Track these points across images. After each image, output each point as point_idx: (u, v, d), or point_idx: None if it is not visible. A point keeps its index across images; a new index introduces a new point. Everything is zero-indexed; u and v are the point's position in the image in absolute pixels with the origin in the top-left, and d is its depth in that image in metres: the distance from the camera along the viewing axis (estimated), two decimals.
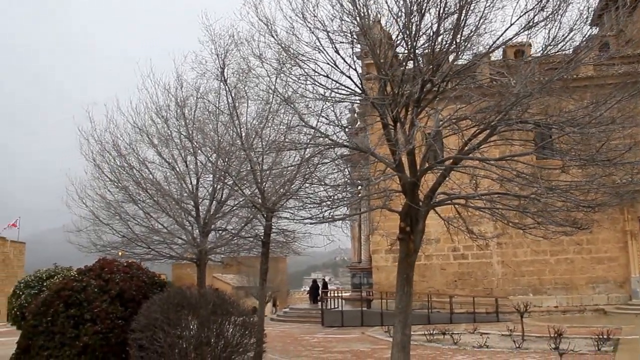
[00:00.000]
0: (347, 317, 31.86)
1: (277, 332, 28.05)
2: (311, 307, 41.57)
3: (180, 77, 16.01)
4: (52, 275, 18.84)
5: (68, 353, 10.62)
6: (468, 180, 12.10)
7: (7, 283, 56.25)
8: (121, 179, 15.74)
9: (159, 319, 10.07)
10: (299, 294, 70.51)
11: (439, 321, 27.73)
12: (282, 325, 33.29)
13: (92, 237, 16.07)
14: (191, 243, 15.55)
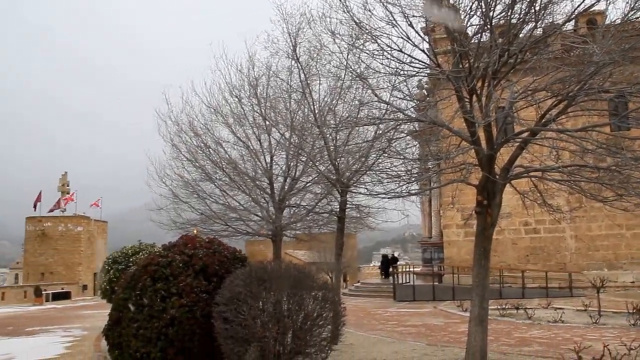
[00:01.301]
0: (419, 292, 31.90)
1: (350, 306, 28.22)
2: (382, 282, 41.74)
3: (252, 57, 16.22)
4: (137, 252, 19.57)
5: (156, 325, 11.02)
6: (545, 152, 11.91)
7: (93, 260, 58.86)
8: (198, 158, 16.21)
9: (242, 293, 10.34)
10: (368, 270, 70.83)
11: (511, 296, 27.45)
12: (354, 299, 33.56)
13: (171, 215, 16.71)
14: (267, 219, 15.87)
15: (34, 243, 57.66)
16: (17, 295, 48.52)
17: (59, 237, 56.93)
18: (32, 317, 33.66)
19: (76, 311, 37.52)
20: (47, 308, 42.46)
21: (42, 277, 56.26)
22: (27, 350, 18.23)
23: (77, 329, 24.72)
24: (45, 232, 56.88)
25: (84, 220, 58.42)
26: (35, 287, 49.07)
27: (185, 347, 11.11)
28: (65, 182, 59.39)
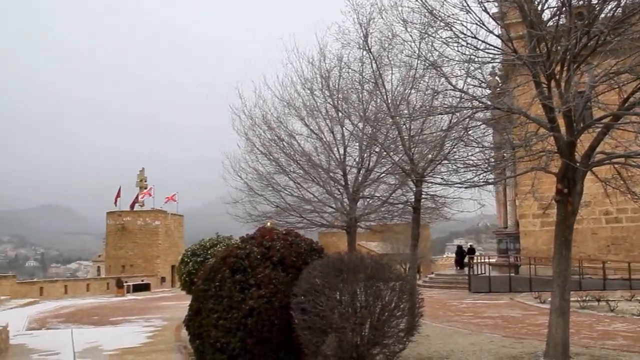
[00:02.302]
0: (495, 283, 31.34)
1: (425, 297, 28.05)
2: (457, 273, 41.23)
3: (323, 49, 16.25)
4: (214, 244, 19.90)
5: (236, 315, 11.21)
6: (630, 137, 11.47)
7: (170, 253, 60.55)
8: (272, 151, 16.40)
9: (319, 284, 10.42)
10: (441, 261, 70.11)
11: (591, 287, 26.54)
12: (428, 291, 33.27)
13: (247, 207, 16.99)
14: (341, 211, 15.92)
15: (114, 237, 59.74)
16: (101, 286, 50.42)
17: (138, 231, 58.77)
18: (115, 307, 34.91)
19: (156, 302, 38.66)
20: (128, 299, 43.97)
21: (122, 269, 58.26)
22: (113, 339, 18.90)
23: (158, 319, 25.49)
24: (125, 227, 58.84)
25: (161, 214, 60.07)
26: (117, 279, 50.86)
27: (263, 338, 11.25)
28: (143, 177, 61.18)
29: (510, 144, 12.04)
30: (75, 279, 63.07)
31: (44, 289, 45.15)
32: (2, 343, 16.95)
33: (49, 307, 35.86)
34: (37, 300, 40.43)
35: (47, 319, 28.47)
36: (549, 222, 30.39)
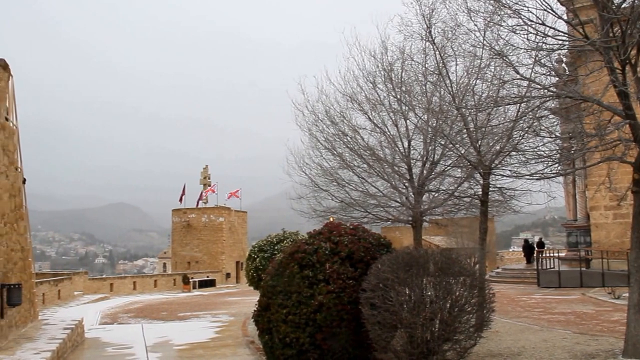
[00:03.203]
0: (565, 278, 30.45)
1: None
2: (525, 267, 40.30)
3: (385, 41, 16.07)
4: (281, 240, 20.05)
5: (305, 311, 11.25)
6: None
7: (234, 249, 61.41)
8: (335, 146, 16.33)
9: (389, 279, 10.32)
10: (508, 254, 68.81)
11: None
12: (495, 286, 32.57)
13: (312, 203, 17.00)
14: (406, 205, 15.72)
15: (180, 234, 60.92)
16: (167, 282, 51.50)
17: (203, 228, 59.75)
18: (182, 303, 35.59)
19: (221, 298, 39.24)
20: (195, 295, 44.77)
21: (188, 265, 59.39)
22: (182, 334, 19.27)
23: (224, 314, 25.85)
24: (190, 224, 59.90)
25: (224, 211, 60.88)
26: (183, 275, 51.85)
27: (333, 333, 11.25)
28: (207, 175, 62.12)
29: (584, 134, 11.64)
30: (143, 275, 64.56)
31: (114, 285, 46.45)
32: (78, 336, 17.50)
33: (119, 302, 36.87)
34: (108, 296, 41.66)
35: (118, 314, 29.26)
36: (622, 214, 29.38)
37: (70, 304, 33.91)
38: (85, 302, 35.59)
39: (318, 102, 16.68)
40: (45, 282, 32.58)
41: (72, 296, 37.52)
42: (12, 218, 15.08)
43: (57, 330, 16.17)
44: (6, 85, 14.05)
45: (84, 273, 46.27)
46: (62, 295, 35.30)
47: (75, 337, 16.80)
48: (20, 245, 16.26)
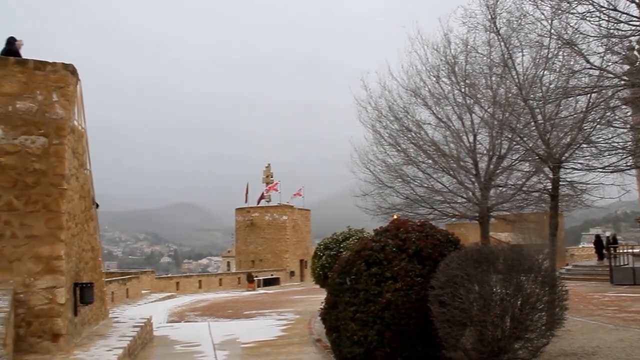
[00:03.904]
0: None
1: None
2: (596, 264, 39.07)
3: (448, 34, 15.79)
4: (347, 238, 19.99)
5: (372, 309, 11.14)
6: None
7: (298, 247, 61.75)
8: (399, 142, 16.17)
9: (458, 276, 10.11)
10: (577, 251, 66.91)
11: None
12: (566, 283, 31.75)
13: (376, 200, 16.88)
14: (472, 201, 15.42)
15: (244, 232, 61.62)
16: (232, 281, 52.15)
17: (266, 226, 60.26)
18: (247, 301, 35.96)
19: (286, 296, 39.45)
20: (259, 293, 45.19)
21: (252, 264, 59.99)
22: (248, 332, 19.40)
23: (290, 312, 25.94)
24: (253, 222, 60.52)
25: (288, 209, 61.26)
26: (247, 274, 52.42)
27: (401, 331, 11.11)
28: (269, 173, 62.64)
29: None
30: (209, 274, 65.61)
31: (180, 283, 47.31)
32: (148, 334, 17.84)
33: (186, 300, 37.51)
34: (174, 295, 42.44)
35: (185, 312, 29.76)
36: None
37: (138, 303, 34.68)
38: (153, 301, 36.33)
39: (381, 98, 16.58)
40: (114, 281, 33.41)
41: (140, 295, 38.40)
42: (82, 219, 15.47)
43: (128, 328, 16.51)
44: (75, 90, 14.40)
45: (151, 272, 47.27)
46: (131, 293, 36.16)
47: (144, 335, 17.12)
48: (91, 245, 16.67)
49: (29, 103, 13.29)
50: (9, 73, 13.27)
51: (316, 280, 21.86)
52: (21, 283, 12.70)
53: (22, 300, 12.59)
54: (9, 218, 12.81)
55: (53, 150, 13.24)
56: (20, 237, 12.82)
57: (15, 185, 12.92)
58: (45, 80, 13.50)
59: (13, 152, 13.00)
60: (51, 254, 12.91)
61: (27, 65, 13.51)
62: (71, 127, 14.05)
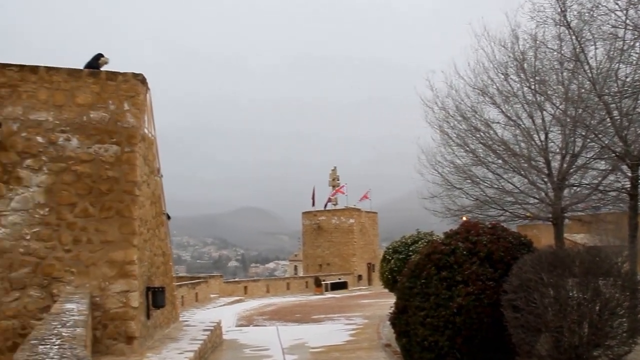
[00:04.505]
0: None
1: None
2: None
3: (515, 30, 15.35)
4: (416, 241, 19.79)
5: (443, 313, 10.92)
6: None
7: (366, 250, 61.48)
8: (468, 142, 15.85)
9: (532, 280, 9.78)
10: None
11: None
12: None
13: (445, 202, 16.60)
14: (545, 201, 14.95)
15: (310, 236, 61.73)
16: (299, 285, 52.34)
17: (333, 230, 60.13)
18: (315, 305, 36.00)
19: (354, 300, 39.32)
20: (327, 297, 45.19)
21: (319, 268, 60.03)
22: (317, 336, 19.40)
23: (358, 317, 25.81)
24: (320, 226, 60.51)
25: (355, 212, 60.97)
26: (315, 278, 52.52)
27: (473, 336, 10.87)
28: (335, 176, 62.52)
29: None
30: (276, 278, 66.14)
31: (248, 287, 47.76)
32: (217, 338, 18.05)
33: (254, 305, 37.84)
34: (242, 299, 42.88)
35: (253, 316, 30.01)
36: None
37: (207, 306, 35.18)
38: (221, 305, 36.77)
39: (448, 98, 16.28)
40: (184, 285, 34.00)
41: (209, 299, 38.95)
42: (153, 224, 15.79)
43: (198, 332, 16.75)
44: (145, 99, 14.75)
45: (219, 276, 47.87)
46: (200, 297, 36.73)
47: (214, 339, 17.34)
48: (162, 250, 17.01)
49: (102, 112, 13.70)
50: (83, 84, 13.73)
51: (385, 284, 21.70)
52: (97, 287, 13.09)
53: (98, 303, 12.97)
54: (84, 224, 13.23)
55: (125, 158, 13.60)
56: (96, 243, 13.22)
57: (90, 193, 13.33)
58: (117, 90, 13.90)
59: (88, 161, 13.43)
60: (125, 259, 13.26)
61: (100, 76, 13.95)
62: (142, 135, 14.38)
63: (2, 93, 13.32)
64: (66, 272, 13.05)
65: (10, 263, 12.87)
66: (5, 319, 12.69)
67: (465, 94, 16.14)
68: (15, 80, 13.40)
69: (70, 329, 8.26)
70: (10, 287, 12.81)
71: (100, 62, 14.88)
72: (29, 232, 13.04)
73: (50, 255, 13.04)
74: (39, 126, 13.35)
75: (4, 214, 13.03)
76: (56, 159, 13.33)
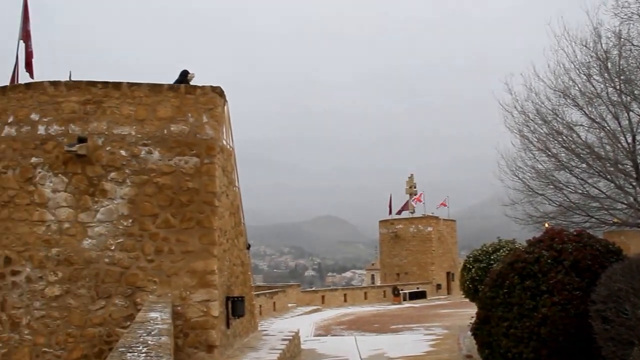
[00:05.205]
0: None
1: None
2: None
3: (597, 28, 14.79)
4: (497, 249, 19.31)
5: (527, 324, 10.58)
6: None
7: (444, 259, 60.53)
8: (549, 147, 15.38)
9: (622, 289, 9.33)
10: None
11: None
12: None
13: (526, 208, 16.18)
14: (634, 207, 14.29)
15: (388, 245, 61.22)
16: (377, 294, 51.98)
17: (411, 238, 59.40)
18: (393, 315, 35.67)
19: (433, 310, 38.77)
20: (405, 307, 44.70)
21: (397, 277, 59.44)
22: (395, 346, 19.19)
23: (438, 327, 25.40)
24: (397, 234, 59.95)
25: (433, 220, 60.11)
26: (393, 287, 52.04)
27: (559, 348, 10.49)
28: (412, 184, 61.84)
29: None
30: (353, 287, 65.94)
31: (325, 297, 47.79)
32: (296, 347, 18.12)
33: (331, 314, 37.81)
34: (320, 308, 42.94)
35: (331, 325, 29.98)
36: None
37: (285, 316, 35.40)
38: (299, 314, 36.93)
39: (527, 101, 15.86)
40: (262, 294, 34.31)
41: (286, 308, 39.22)
42: (232, 234, 16.03)
43: (277, 341, 16.85)
44: (223, 111, 15.04)
45: (296, 285, 48.14)
46: (277, 307, 37.01)
47: (293, 348, 17.40)
48: (241, 259, 17.23)
49: (182, 125, 14.04)
50: (163, 99, 14.12)
51: (465, 293, 21.31)
52: (178, 296, 13.37)
53: (179, 312, 13.24)
54: (166, 235, 13.55)
55: (205, 169, 13.88)
56: (177, 253, 13.51)
57: (171, 204, 13.65)
58: (196, 103, 14.23)
59: (168, 173, 13.77)
60: (205, 269, 13.50)
61: (179, 90, 14.32)
62: (220, 146, 14.65)
63: (88, 109, 13.86)
64: (149, 281, 13.40)
65: (96, 272, 13.33)
66: (92, 326, 13.13)
67: (545, 97, 15.70)
68: (99, 96, 13.91)
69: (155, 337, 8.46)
70: (96, 296, 13.26)
71: (189, 77, 15.26)
72: (114, 243, 13.47)
73: (134, 265, 13.43)
74: (122, 140, 13.79)
75: (90, 225, 13.52)
76: (139, 171, 13.73)
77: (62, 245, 13.39)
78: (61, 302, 13.17)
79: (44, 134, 13.79)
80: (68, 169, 13.65)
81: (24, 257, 13.43)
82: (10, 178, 13.81)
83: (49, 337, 13.05)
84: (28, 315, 13.17)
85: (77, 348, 13.00)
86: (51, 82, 14.05)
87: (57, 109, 13.85)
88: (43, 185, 13.64)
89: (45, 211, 13.55)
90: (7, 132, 14.04)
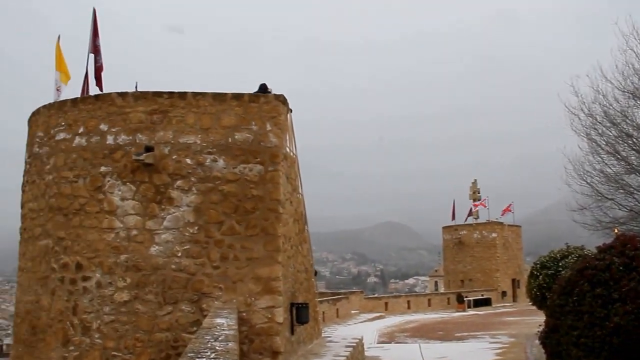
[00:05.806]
0: None
1: None
2: None
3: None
4: (565, 256, 18.84)
5: (599, 333, 10.26)
6: None
7: (510, 266, 59.31)
8: (619, 149, 14.98)
9: None
10: None
11: None
12: None
13: (595, 213, 15.75)
14: None
15: (451, 251, 60.43)
16: (441, 301, 51.32)
17: (475, 245, 58.45)
18: (457, 322, 35.17)
19: (498, 317, 38.03)
20: (470, 314, 43.99)
21: (461, 284, 58.59)
22: (460, 354, 18.94)
23: (503, 335, 24.92)
24: (461, 241, 59.09)
25: (497, 226, 59.03)
26: (457, 294, 51.29)
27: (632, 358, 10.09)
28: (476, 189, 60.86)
29: None
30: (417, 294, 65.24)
31: (389, 304, 47.46)
32: (359, 354, 18.07)
33: (395, 321, 37.53)
34: (383, 315, 42.66)
35: (395, 332, 29.78)
36: None
37: (348, 323, 35.30)
38: (362, 321, 36.77)
39: (594, 103, 15.49)
40: (325, 301, 34.32)
41: (350, 315, 39.11)
42: (296, 241, 16.13)
43: (340, 348, 16.84)
44: (286, 119, 15.18)
45: (359, 292, 47.95)
46: (340, 313, 36.96)
47: (356, 355, 17.35)
48: (305, 266, 17.32)
49: (246, 134, 14.22)
50: (227, 108, 14.34)
51: (532, 301, 20.87)
52: (243, 302, 13.52)
53: (244, 318, 13.39)
54: (231, 242, 13.74)
55: (269, 177, 14.03)
56: (242, 259, 13.69)
57: (236, 211, 13.84)
58: (259, 111, 14.39)
59: (233, 180, 13.97)
60: (270, 275, 13.62)
61: (243, 99, 14.51)
62: (284, 154, 14.79)
63: (154, 119, 14.19)
64: (214, 287, 13.60)
65: (163, 279, 13.62)
66: (159, 331, 13.41)
67: (613, 98, 15.31)
68: (165, 106, 14.23)
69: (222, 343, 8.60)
70: (163, 302, 13.54)
71: (269, 91, 15.44)
72: (180, 250, 13.74)
73: (200, 272, 13.65)
74: (188, 149, 14.06)
75: (158, 233, 13.83)
76: (204, 179, 13.97)
77: (130, 251, 13.73)
78: (129, 307, 13.51)
79: (113, 144, 14.19)
80: (136, 178, 14.00)
81: (94, 264, 13.84)
82: (80, 187, 14.26)
83: (118, 342, 13.40)
84: (98, 320, 13.55)
85: (144, 352, 13.31)
86: (119, 93, 14.45)
87: (124, 119, 14.23)
88: (112, 194, 14.02)
89: (114, 219, 13.94)
90: (78, 142, 14.51)
